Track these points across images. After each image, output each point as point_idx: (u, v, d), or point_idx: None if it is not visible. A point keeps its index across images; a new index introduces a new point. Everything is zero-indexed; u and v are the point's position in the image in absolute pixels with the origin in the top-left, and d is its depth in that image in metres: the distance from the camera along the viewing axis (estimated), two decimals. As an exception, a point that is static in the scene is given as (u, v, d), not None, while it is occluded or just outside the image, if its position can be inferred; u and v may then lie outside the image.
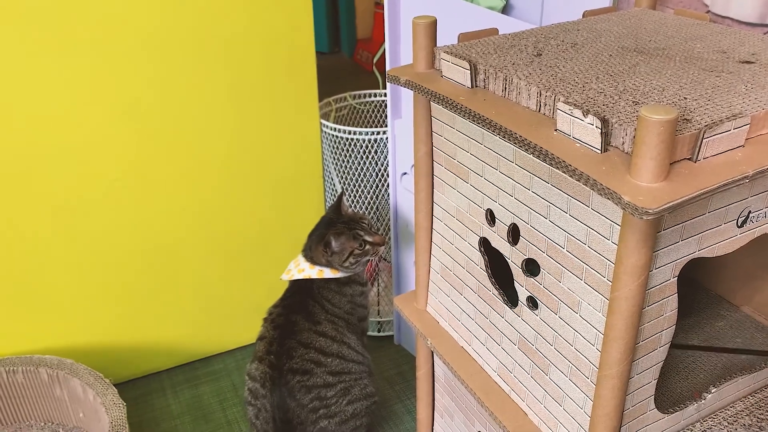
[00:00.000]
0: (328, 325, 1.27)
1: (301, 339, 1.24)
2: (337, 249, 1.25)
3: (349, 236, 1.25)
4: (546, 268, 0.79)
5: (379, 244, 1.28)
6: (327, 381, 1.23)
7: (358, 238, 1.26)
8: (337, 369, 1.25)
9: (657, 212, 0.56)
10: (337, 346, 1.26)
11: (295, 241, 1.64)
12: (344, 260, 1.26)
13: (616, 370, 0.69)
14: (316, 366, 1.23)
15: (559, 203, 0.73)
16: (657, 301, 0.70)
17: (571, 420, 0.79)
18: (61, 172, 1.33)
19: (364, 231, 1.27)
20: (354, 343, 1.30)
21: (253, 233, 1.58)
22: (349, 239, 1.26)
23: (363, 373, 1.30)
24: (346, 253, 1.25)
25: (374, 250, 1.28)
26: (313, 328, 1.25)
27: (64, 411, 1.39)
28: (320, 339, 1.25)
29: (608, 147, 0.65)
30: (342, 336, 1.28)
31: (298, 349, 1.23)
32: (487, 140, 0.83)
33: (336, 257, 1.25)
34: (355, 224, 1.28)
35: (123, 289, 1.49)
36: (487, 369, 0.96)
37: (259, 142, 1.48)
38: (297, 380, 1.21)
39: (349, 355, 1.28)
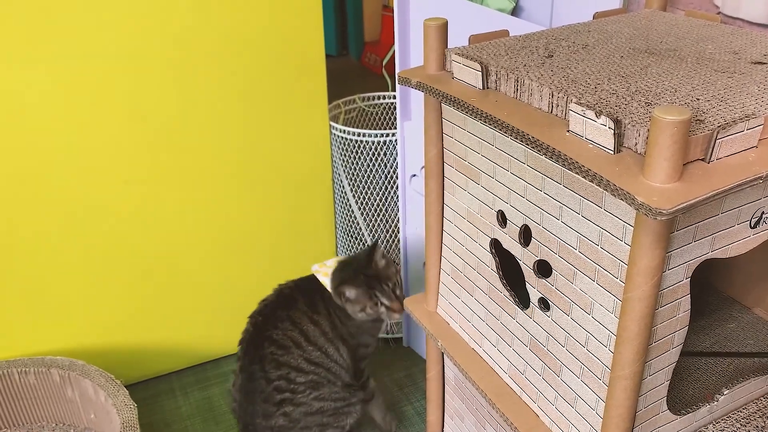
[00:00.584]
0: (325, 321, 1.25)
1: (293, 316, 1.24)
2: (353, 299, 1.22)
3: (365, 292, 1.22)
4: (558, 270, 0.79)
5: (396, 311, 1.23)
6: (300, 365, 1.22)
7: (374, 299, 1.22)
8: (315, 359, 1.23)
9: (671, 213, 0.56)
10: (324, 341, 1.25)
11: (304, 243, 1.65)
12: (357, 312, 1.23)
13: (629, 371, 0.69)
14: (295, 346, 1.22)
15: (572, 204, 0.73)
16: (670, 302, 0.70)
17: (583, 421, 0.79)
18: (71, 174, 1.34)
19: (383, 294, 1.22)
20: (344, 355, 1.28)
21: (263, 235, 1.59)
22: (364, 296, 1.22)
23: (339, 382, 1.27)
24: (358, 306, 1.23)
25: (389, 314, 1.24)
26: (309, 314, 1.25)
27: (75, 412, 1.39)
28: (311, 326, 1.24)
29: (621, 148, 0.65)
30: (334, 339, 1.26)
31: (285, 322, 1.23)
32: (499, 141, 0.83)
33: (349, 305, 1.23)
34: (377, 283, 1.23)
35: (134, 290, 1.50)
36: (498, 371, 0.96)
37: (268, 144, 1.48)
38: (271, 351, 1.21)
39: (333, 355, 1.26)
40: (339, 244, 1.71)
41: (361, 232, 1.65)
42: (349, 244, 1.68)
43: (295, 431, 1.23)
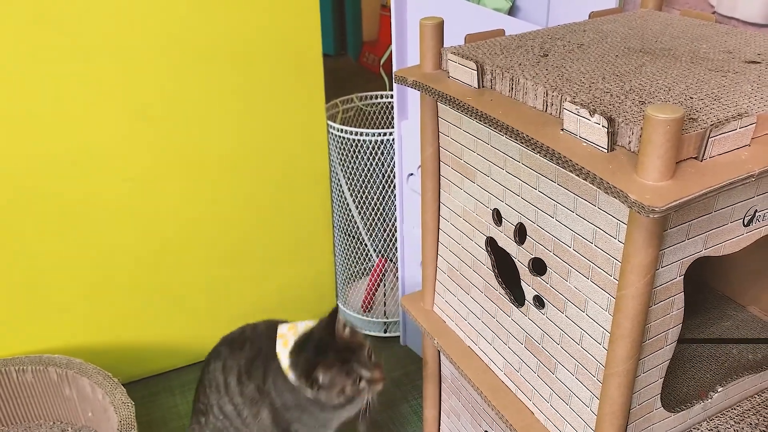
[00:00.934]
0: (252, 385, 1.12)
1: (227, 363, 1.15)
2: (327, 383, 1.02)
3: (341, 371, 1.02)
4: (553, 267, 0.79)
5: (378, 382, 1.05)
6: (212, 405, 1.15)
7: (352, 374, 1.03)
8: (227, 412, 1.14)
9: (664, 210, 0.57)
10: (241, 400, 1.12)
11: (302, 242, 1.65)
12: (333, 398, 1.04)
13: (623, 368, 0.70)
14: (215, 389, 1.15)
15: (566, 202, 0.74)
16: (663, 299, 0.70)
17: (577, 418, 0.80)
18: (68, 172, 1.34)
19: (361, 364, 1.03)
20: (264, 423, 1.12)
21: (260, 234, 1.59)
22: (341, 374, 1.03)
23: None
24: (335, 390, 1.03)
25: (371, 388, 1.05)
26: (241, 371, 1.13)
27: (72, 410, 1.40)
28: (234, 381, 1.13)
29: (615, 146, 0.65)
30: (258, 402, 1.12)
31: (218, 362, 1.16)
32: (494, 140, 0.84)
33: (323, 393, 1.03)
34: (350, 354, 1.04)
35: (132, 288, 1.50)
36: (494, 368, 0.96)
37: (265, 143, 1.49)
38: (207, 377, 1.17)
39: (247, 419, 1.13)
40: (337, 243, 1.71)
41: (358, 231, 1.65)
42: (347, 243, 1.68)
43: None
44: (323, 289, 1.76)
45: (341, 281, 1.76)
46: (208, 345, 1.65)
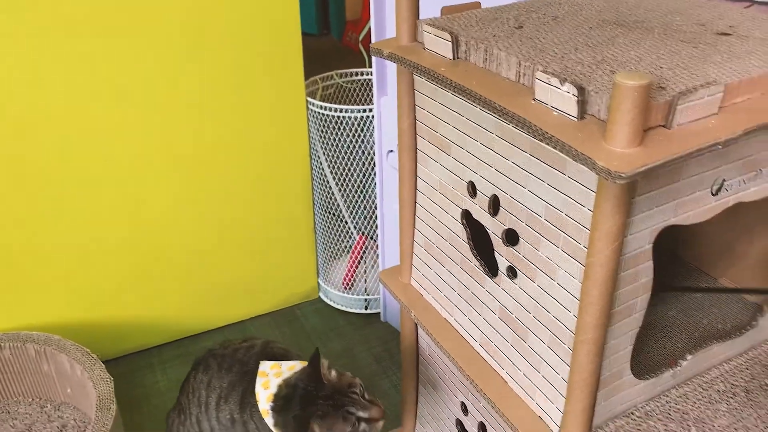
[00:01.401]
0: (227, 413, 1.08)
1: (213, 381, 1.11)
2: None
3: (337, 418, 0.95)
4: (525, 238, 0.80)
5: (378, 419, 0.97)
6: (191, 414, 1.13)
7: (349, 420, 0.95)
8: (201, 426, 1.11)
9: (630, 176, 0.57)
10: (216, 424, 1.09)
11: (282, 221, 1.65)
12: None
13: (592, 336, 0.71)
14: (197, 400, 1.12)
15: (538, 173, 0.74)
16: (632, 267, 0.71)
17: (549, 386, 0.81)
18: (50, 149, 1.33)
19: (356, 405, 0.96)
20: None
21: (240, 213, 1.59)
22: (338, 422, 0.95)
23: None
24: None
25: (372, 427, 0.97)
26: (220, 396, 1.09)
27: (51, 387, 1.39)
28: (213, 404, 1.09)
29: (585, 115, 0.66)
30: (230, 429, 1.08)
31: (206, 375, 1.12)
32: (468, 112, 0.84)
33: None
34: (342, 397, 0.96)
35: (112, 265, 1.49)
36: (469, 339, 0.97)
37: (244, 120, 1.48)
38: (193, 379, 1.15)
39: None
40: (317, 221, 1.71)
41: (339, 209, 1.65)
42: (328, 221, 1.68)
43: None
44: (304, 266, 1.76)
45: (322, 259, 1.77)
46: (187, 322, 1.65)
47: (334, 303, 1.78)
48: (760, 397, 0.85)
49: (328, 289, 1.77)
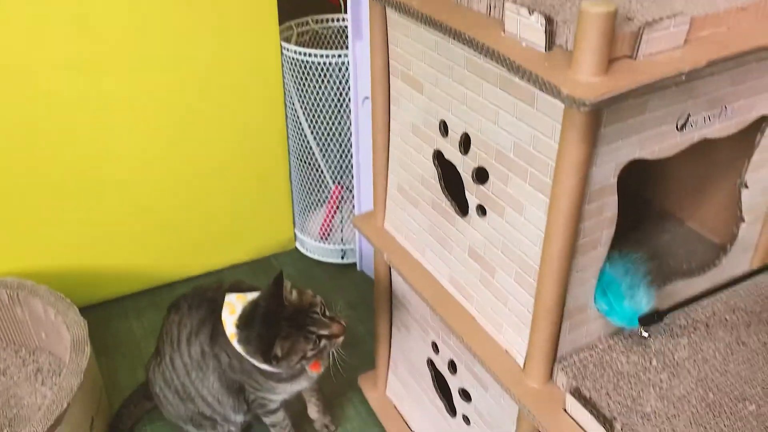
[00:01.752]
0: (197, 347, 1.10)
1: (182, 319, 1.14)
2: (285, 353, 0.99)
3: (298, 338, 0.98)
4: (494, 175, 0.81)
5: (338, 335, 1.01)
6: (164, 353, 1.16)
7: (310, 339, 0.99)
8: (175, 365, 1.14)
9: (594, 104, 0.58)
10: (188, 360, 1.12)
11: (257, 169, 1.64)
12: (293, 365, 1.01)
13: (556, 266, 0.72)
14: (169, 339, 1.15)
15: (507, 108, 0.75)
16: (597, 200, 0.72)
17: (515, 320, 0.83)
18: (23, 96, 1.30)
19: (316, 325, 0.99)
20: (212, 387, 1.12)
21: (214, 161, 1.57)
22: (299, 341, 0.98)
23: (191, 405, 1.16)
24: (296, 357, 0.99)
25: (332, 342, 1.01)
26: (191, 331, 1.12)
27: (26, 332, 1.39)
28: (184, 340, 1.12)
29: (552, 46, 0.66)
30: (202, 366, 1.11)
31: (177, 315, 1.15)
32: (440, 48, 0.83)
33: (284, 364, 1.00)
34: (304, 317, 0.99)
35: (87, 212, 1.48)
36: (440, 278, 0.99)
37: (217, 65, 1.46)
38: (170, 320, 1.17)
39: (195, 381, 1.13)
40: (293, 171, 1.71)
41: (315, 158, 1.65)
42: (304, 171, 1.67)
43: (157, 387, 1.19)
44: (280, 216, 1.76)
45: (299, 209, 1.77)
46: (161, 271, 1.65)
47: (310, 253, 1.79)
48: (719, 332, 0.87)
49: (304, 239, 1.78)
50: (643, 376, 0.81)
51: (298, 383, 1.11)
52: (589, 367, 0.81)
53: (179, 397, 1.16)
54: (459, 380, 1.03)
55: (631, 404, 0.77)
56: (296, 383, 1.11)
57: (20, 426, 1.25)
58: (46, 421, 1.04)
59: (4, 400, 1.30)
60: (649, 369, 0.82)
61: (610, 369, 0.81)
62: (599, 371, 0.81)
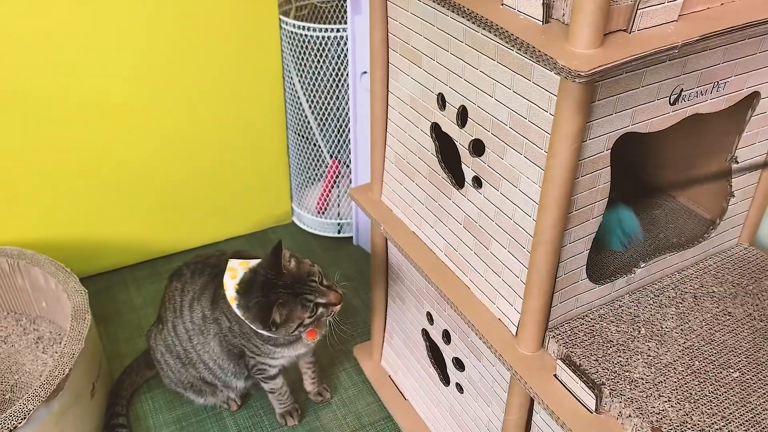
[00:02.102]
0: (198, 312, 1.13)
1: (186, 287, 1.16)
2: (284, 320, 1.01)
3: (295, 305, 1.01)
4: (490, 147, 0.82)
5: (335, 304, 1.04)
6: (167, 320, 1.18)
7: (308, 306, 1.01)
8: (178, 332, 1.16)
9: (589, 75, 0.59)
10: (192, 326, 1.14)
11: (255, 143, 1.65)
12: (291, 332, 1.04)
13: (549, 236, 0.74)
14: (171, 306, 1.17)
15: (504, 80, 0.76)
16: (590, 172, 0.74)
17: (508, 289, 0.85)
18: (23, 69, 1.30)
19: (314, 293, 1.02)
20: (213, 352, 1.15)
21: (213, 134, 1.58)
22: (296, 308, 1.01)
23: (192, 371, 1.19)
24: (293, 324, 1.02)
25: (329, 310, 1.04)
26: (194, 296, 1.14)
27: (26, 301, 1.41)
28: (186, 307, 1.15)
29: (550, 19, 0.67)
30: (204, 331, 1.14)
31: (179, 282, 1.17)
32: (439, 21, 0.84)
33: (282, 330, 1.03)
34: (301, 286, 1.01)
35: (87, 183, 1.49)
36: (435, 249, 1.00)
37: (215, 38, 1.46)
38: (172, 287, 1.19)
39: (197, 346, 1.15)
40: (291, 145, 1.72)
41: (312, 132, 1.66)
42: (301, 145, 1.69)
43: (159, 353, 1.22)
44: (278, 190, 1.77)
45: (296, 183, 1.78)
46: (160, 242, 1.67)
47: (307, 227, 1.80)
48: (707, 303, 0.90)
49: (301, 213, 1.79)
50: (632, 344, 0.83)
51: (295, 348, 1.14)
52: (580, 335, 0.84)
53: (181, 362, 1.18)
54: (453, 350, 1.05)
55: (620, 371, 0.79)
56: (293, 348, 1.13)
57: (22, 392, 1.27)
58: (48, 386, 1.06)
59: (6, 368, 1.32)
60: (638, 338, 0.84)
61: (600, 337, 0.84)
62: (589, 339, 0.83)
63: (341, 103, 1.60)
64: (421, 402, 1.23)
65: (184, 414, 1.30)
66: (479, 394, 1.01)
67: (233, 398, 1.29)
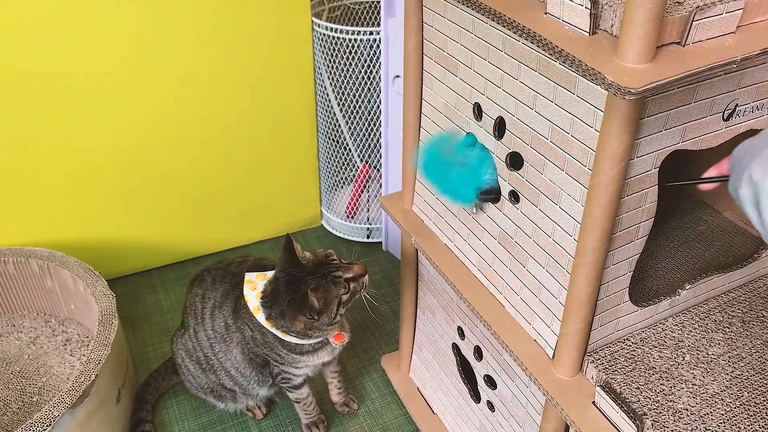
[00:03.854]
0: (221, 321, 1.12)
1: (207, 294, 1.15)
2: (323, 305, 1.00)
3: (328, 286, 1.00)
4: (529, 161, 0.79)
5: (362, 275, 1.04)
6: (188, 325, 1.17)
7: (339, 283, 1.01)
8: (199, 337, 1.15)
9: (640, 92, 0.56)
10: (213, 334, 1.13)
11: (285, 146, 1.64)
12: (334, 317, 1.02)
13: (591, 258, 0.70)
14: (192, 312, 1.16)
15: (546, 92, 0.72)
16: (637, 191, 0.70)
17: (545, 310, 0.81)
18: (55, 62, 1.30)
19: (339, 269, 1.02)
20: (235, 359, 1.13)
21: (244, 137, 1.57)
22: (330, 289, 1.00)
23: (213, 376, 1.17)
24: (333, 306, 1.01)
25: (360, 283, 1.04)
26: (215, 305, 1.13)
27: (56, 302, 1.41)
28: (207, 313, 1.14)
29: (597, 30, 0.63)
30: (226, 339, 1.13)
31: (200, 288, 1.16)
32: (478, 29, 0.81)
33: (324, 317, 1.01)
34: (325, 267, 1.01)
35: (117, 186, 1.49)
36: (468, 264, 0.97)
37: (247, 40, 1.44)
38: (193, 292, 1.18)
39: (219, 353, 1.14)
40: (321, 149, 1.70)
41: (343, 136, 1.63)
42: (331, 149, 1.66)
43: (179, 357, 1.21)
44: (307, 194, 1.75)
45: (325, 187, 1.76)
46: (189, 245, 1.66)
47: (336, 231, 1.78)
48: (756, 328, 0.85)
49: (330, 217, 1.77)
50: (675, 371, 0.79)
51: (319, 356, 1.11)
52: (620, 360, 0.80)
53: (201, 368, 1.17)
54: (484, 367, 1.02)
55: (663, 400, 0.75)
56: (317, 356, 1.11)
57: (49, 395, 1.27)
58: (74, 392, 1.05)
59: (34, 370, 1.32)
60: (682, 365, 0.80)
61: (641, 363, 0.79)
62: (630, 365, 0.79)
63: (373, 106, 1.57)
64: (450, 417, 1.19)
65: (209, 422, 1.28)
66: (511, 414, 0.98)
67: (255, 405, 1.27)
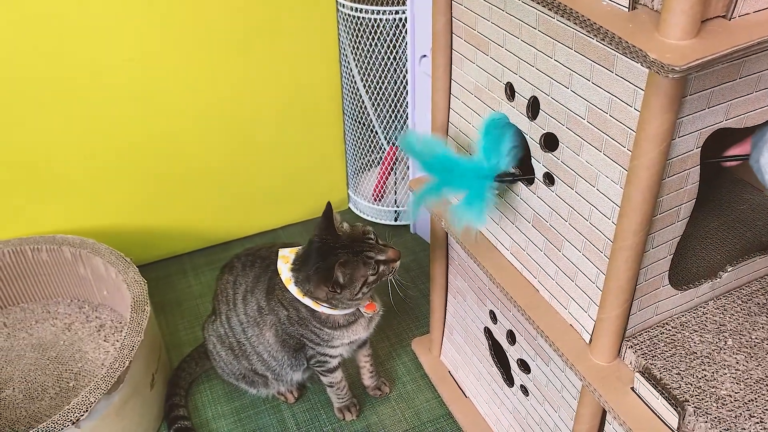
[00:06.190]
0: (254, 304, 1.12)
1: (239, 279, 1.15)
2: (347, 282, 0.99)
3: (357, 263, 0.99)
4: (565, 142, 0.76)
5: (395, 260, 1.02)
6: (221, 311, 1.17)
7: (369, 263, 1.00)
8: (231, 322, 1.16)
9: (685, 70, 0.53)
10: (245, 318, 1.13)
11: (311, 129, 1.62)
12: (356, 293, 1.01)
13: (631, 242, 0.68)
14: (224, 299, 1.17)
15: (582, 71, 0.70)
16: (678, 172, 0.67)
17: (582, 295, 0.79)
18: (81, 50, 1.30)
19: (373, 250, 1.00)
20: (268, 342, 1.13)
21: (270, 120, 1.56)
22: (359, 267, 0.99)
23: (245, 362, 1.17)
24: (358, 284, 1.00)
25: (390, 267, 1.02)
26: (247, 289, 1.13)
27: (88, 288, 1.43)
28: (240, 299, 1.14)
29: (637, 5, 0.61)
30: (260, 323, 1.12)
31: (231, 275, 1.16)
32: (510, 6, 0.78)
33: (346, 293, 1.00)
34: (359, 244, 1.00)
35: (145, 173, 1.49)
36: (500, 248, 0.95)
37: (271, 22, 1.42)
38: (224, 279, 1.18)
39: (252, 338, 1.14)
40: (347, 131, 1.68)
41: (369, 118, 1.61)
42: (358, 131, 1.65)
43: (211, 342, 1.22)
44: (334, 176, 1.74)
45: (352, 170, 1.75)
46: (218, 230, 1.66)
47: (363, 214, 1.77)
48: (802, 311, 0.82)
49: (357, 200, 1.76)
50: (718, 356, 0.77)
51: (355, 330, 1.10)
52: (660, 345, 0.78)
53: (233, 354, 1.17)
54: (518, 351, 1.01)
55: (705, 386, 0.73)
56: (352, 330, 1.10)
57: (85, 380, 1.29)
58: (109, 379, 1.06)
59: (69, 355, 1.34)
60: (724, 349, 0.77)
61: (682, 348, 0.77)
62: (670, 350, 0.77)
63: (399, 87, 1.55)
64: (483, 401, 1.19)
65: (242, 406, 1.29)
66: (546, 398, 0.96)
67: (287, 390, 1.27)
